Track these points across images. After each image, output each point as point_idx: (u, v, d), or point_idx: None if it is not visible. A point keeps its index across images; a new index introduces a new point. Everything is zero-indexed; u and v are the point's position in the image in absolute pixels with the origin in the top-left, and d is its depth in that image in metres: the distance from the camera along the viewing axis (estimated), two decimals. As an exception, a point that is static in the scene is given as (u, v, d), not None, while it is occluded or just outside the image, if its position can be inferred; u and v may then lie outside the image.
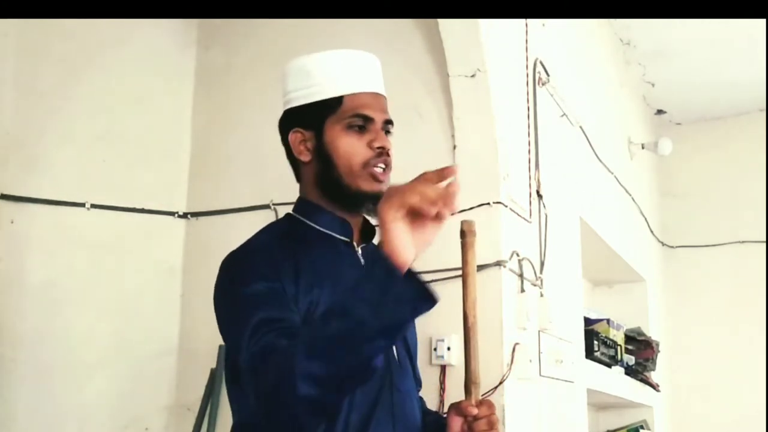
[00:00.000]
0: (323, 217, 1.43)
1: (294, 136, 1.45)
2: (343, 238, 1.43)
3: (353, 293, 1.13)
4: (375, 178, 1.40)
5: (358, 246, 1.46)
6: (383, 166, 1.41)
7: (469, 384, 1.40)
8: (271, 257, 1.33)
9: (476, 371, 1.40)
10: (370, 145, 1.40)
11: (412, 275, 1.14)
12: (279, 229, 1.45)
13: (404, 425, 1.38)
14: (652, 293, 4.33)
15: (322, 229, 1.42)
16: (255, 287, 1.28)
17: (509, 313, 2.25)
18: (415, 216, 1.14)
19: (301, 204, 1.47)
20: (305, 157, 1.44)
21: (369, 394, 1.34)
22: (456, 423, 1.38)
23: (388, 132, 1.44)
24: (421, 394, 1.57)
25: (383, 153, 1.41)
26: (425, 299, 1.15)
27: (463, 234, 1.45)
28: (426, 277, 1.99)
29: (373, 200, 1.38)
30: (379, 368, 1.19)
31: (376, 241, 1.44)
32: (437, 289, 1.90)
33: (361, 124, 1.40)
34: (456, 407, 1.41)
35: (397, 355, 1.43)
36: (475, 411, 1.35)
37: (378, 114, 1.42)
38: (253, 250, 1.38)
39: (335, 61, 1.44)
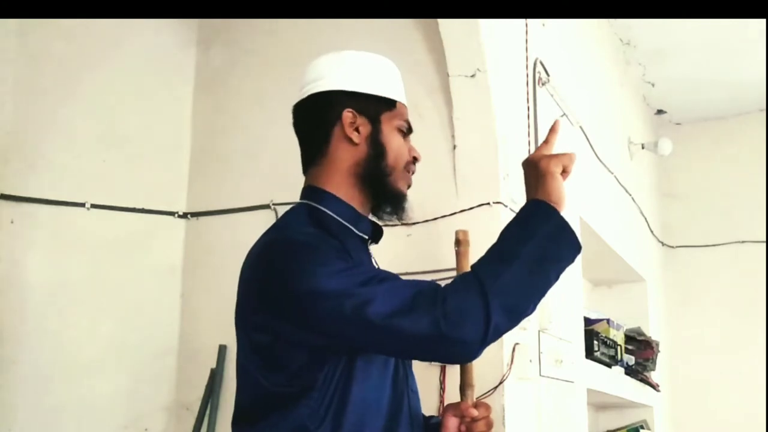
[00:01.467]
0: (343, 208, 1.40)
1: (347, 115, 1.41)
2: (362, 234, 1.42)
3: (526, 239, 1.28)
4: (409, 183, 1.47)
5: (369, 245, 1.47)
6: (412, 173, 1.49)
7: (464, 387, 1.44)
8: (330, 243, 1.31)
9: (471, 374, 1.43)
10: (408, 152, 1.47)
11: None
12: (309, 218, 1.38)
13: (418, 426, 1.42)
14: (652, 293, 4.33)
15: (343, 221, 1.39)
16: (340, 261, 1.27)
17: (509, 313, 2.25)
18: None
19: (316, 192, 1.42)
20: (357, 139, 1.40)
21: (396, 399, 1.36)
22: (452, 423, 1.44)
23: None
24: (421, 394, 1.58)
25: (415, 162, 1.48)
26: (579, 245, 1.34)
27: (458, 243, 1.50)
28: (427, 277, 2.00)
29: (402, 201, 1.44)
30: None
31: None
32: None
33: (406, 131, 1.47)
34: (454, 408, 1.46)
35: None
36: (475, 413, 1.41)
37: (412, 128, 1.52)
38: (311, 234, 1.33)
39: (390, 67, 1.51)
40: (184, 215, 2.85)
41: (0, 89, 2.60)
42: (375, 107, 1.43)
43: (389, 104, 1.44)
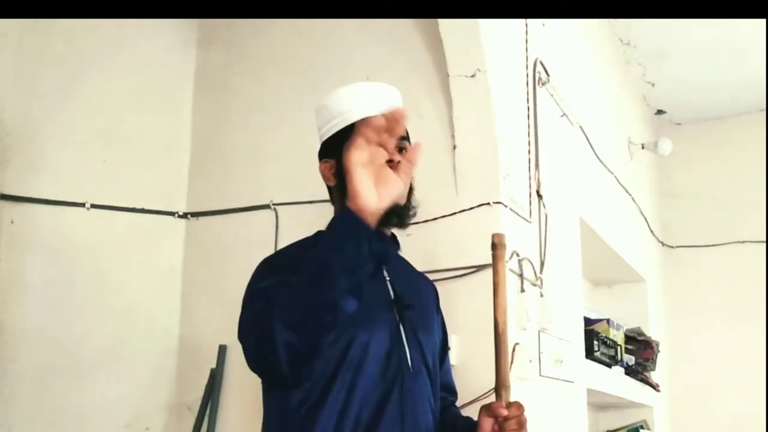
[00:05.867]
0: None
1: (323, 166, 1.62)
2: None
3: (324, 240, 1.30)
4: None
5: None
6: None
7: (499, 387, 1.47)
8: (292, 263, 1.43)
9: (506, 375, 1.46)
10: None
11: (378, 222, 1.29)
12: (307, 243, 1.59)
13: (413, 424, 1.47)
14: (652, 293, 4.33)
15: None
16: (267, 281, 1.43)
17: (509, 313, 2.24)
18: (380, 172, 1.28)
19: (330, 222, 1.58)
20: (331, 182, 1.61)
21: (380, 394, 1.44)
22: (487, 423, 1.50)
23: (402, 148, 1.55)
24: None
25: (394, 167, 1.44)
26: (382, 240, 1.33)
27: (494, 246, 1.56)
28: (428, 277, 2.00)
29: (387, 213, 1.48)
30: (349, 314, 1.29)
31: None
32: (439, 290, 1.91)
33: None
34: (487, 408, 1.51)
35: (411, 359, 1.52)
36: (505, 412, 1.48)
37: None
38: (278, 257, 1.56)
39: (347, 94, 1.60)
40: (184, 215, 2.85)
41: (0, 89, 2.60)
42: (336, 145, 1.55)
43: (347, 133, 1.53)
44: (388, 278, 1.58)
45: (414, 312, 1.58)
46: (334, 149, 1.56)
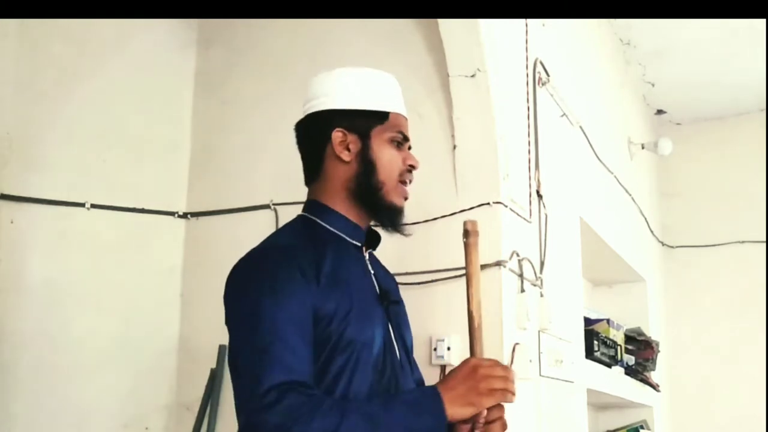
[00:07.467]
0: (338, 220, 1.49)
1: (336, 135, 1.48)
2: (354, 242, 1.50)
3: (394, 412, 1.27)
4: (404, 195, 1.52)
5: (365, 251, 1.53)
6: (409, 182, 1.53)
7: None
8: (295, 260, 1.37)
9: None
10: (404, 161, 1.51)
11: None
12: (296, 230, 1.48)
13: None
14: (652, 293, 4.33)
15: (335, 230, 1.48)
16: (280, 302, 1.32)
17: (509, 313, 2.25)
18: None
19: (314, 205, 1.51)
20: (346, 157, 1.48)
21: (376, 393, 1.39)
22: (463, 429, 1.40)
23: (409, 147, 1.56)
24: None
25: (412, 170, 1.53)
26: None
27: (466, 234, 1.45)
28: (427, 277, 2.01)
29: (395, 215, 1.49)
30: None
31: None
32: (439, 289, 1.91)
33: (401, 141, 1.52)
34: None
35: (400, 357, 1.49)
36: (484, 411, 1.37)
37: (409, 136, 1.55)
38: (278, 250, 1.41)
39: (384, 79, 1.54)
40: (184, 215, 2.85)
41: (0, 89, 2.60)
42: (365, 123, 1.48)
43: (381, 117, 1.49)
44: (372, 272, 1.52)
45: (398, 307, 1.55)
46: (361, 126, 1.48)
